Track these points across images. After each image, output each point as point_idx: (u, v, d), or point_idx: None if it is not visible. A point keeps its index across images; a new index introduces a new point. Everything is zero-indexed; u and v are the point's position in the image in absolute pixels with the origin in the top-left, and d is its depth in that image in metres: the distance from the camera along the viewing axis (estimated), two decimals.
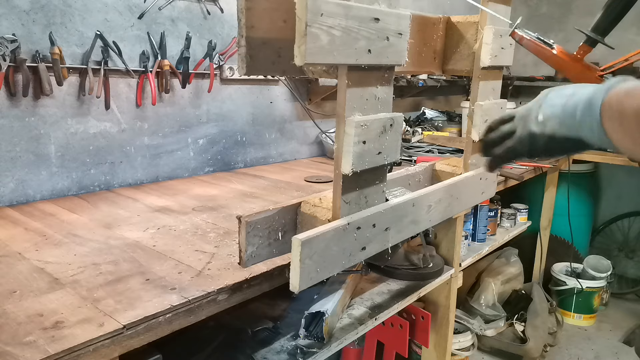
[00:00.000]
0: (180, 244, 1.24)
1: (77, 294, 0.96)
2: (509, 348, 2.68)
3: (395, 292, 1.50)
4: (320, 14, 0.79)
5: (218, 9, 2.08)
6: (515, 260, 3.02)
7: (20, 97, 1.56)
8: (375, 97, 0.97)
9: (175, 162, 2.05)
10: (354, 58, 0.88)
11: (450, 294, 1.77)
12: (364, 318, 1.34)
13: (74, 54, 1.67)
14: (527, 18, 3.99)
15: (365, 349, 1.78)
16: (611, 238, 3.80)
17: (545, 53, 0.97)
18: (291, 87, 2.47)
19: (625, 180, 3.72)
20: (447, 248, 1.74)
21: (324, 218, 1.00)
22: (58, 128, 1.68)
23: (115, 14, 1.76)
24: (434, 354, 1.87)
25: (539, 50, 1.04)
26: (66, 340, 0.79)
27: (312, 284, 0.90)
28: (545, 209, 3.20)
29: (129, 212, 1.51)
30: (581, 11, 3.76)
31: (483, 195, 1.55)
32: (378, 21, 0.91)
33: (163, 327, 0.90)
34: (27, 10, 1.55)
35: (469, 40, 1.39)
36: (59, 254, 1.16)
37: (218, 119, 2.18)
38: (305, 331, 1.20)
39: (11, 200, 1.60)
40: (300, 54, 0.78)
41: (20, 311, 0.89)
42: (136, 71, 1.83)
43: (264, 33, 0.91)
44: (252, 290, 1.07)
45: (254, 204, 1.64)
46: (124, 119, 1.85)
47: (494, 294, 2.79)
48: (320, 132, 2.63)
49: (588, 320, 3.16)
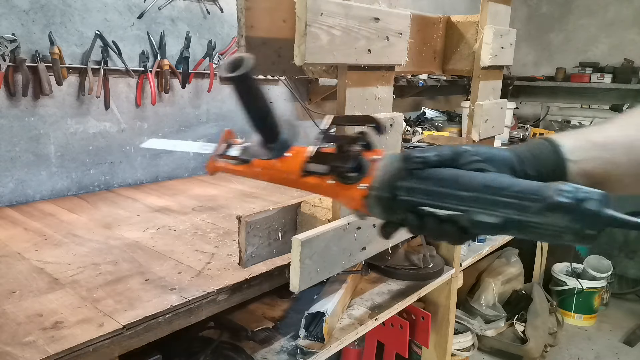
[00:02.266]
0: (180, 244, 1.24)
1: (76, 294, 0.95)
2: (509, 348, 2.68)
3: (395, 292, 1.49)
4: (320, 13, 0.78)
5: (218, 8, 2.08)
6: (515, 260, 3.02)
7: (20, 97, 1.56)
8: (375, 97, 0.97)
9: (175, 162, 2.05)
10: (354, 58, 0.88)
11: (451, 294, 1.77)
12: (364, 318, 1.34)
13: (73, 53, 1.67)
14: (527, 18, 3.99)
15: (365, 349, 1.78)
16: (612, 238, 3.80)
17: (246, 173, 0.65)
18: (291, 87, 2.47)
19: None
20: (447, 248, 1.73)
21: (324, 218, 1.00)
22: (58, 128, 1.68)
23: (115, 14, 1.76)
24: (434, 354, 1.87)
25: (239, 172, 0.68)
26: (66, 340, 0.78)
27: (312, 284, 0.90)
28: None
29: (129, 212, 1.51)
30: (581, 11, 3.76)
31: None
32: (378, 21, 0.91)
33: (163, 327, 0.90)
34: (26, 10, 1.54)
35: (469, 40, 1.39)
36: (59, 254, 1.16)
37: (218, 119, 2.18)
38: (305, 331, 1.19)
39: (11, 200, 1.60)
40: (300, 53, 0.78)
41: (20, 311, 0.88)
42: (136, 71, 1.83)
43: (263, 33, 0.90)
44: (252, 290, 1.07)
45: (254, 204, 1.64)
46: (123, 118, 1.85)
47: (494, 294, 2.79)
48: None
49: (588, 321, 3.16)
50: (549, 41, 3.93)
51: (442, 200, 0.49)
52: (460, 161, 0.52)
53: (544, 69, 3.95)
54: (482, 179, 0.49)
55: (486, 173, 0.50)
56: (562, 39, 3.88)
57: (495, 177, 0.49)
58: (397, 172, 0.53)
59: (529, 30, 3.97)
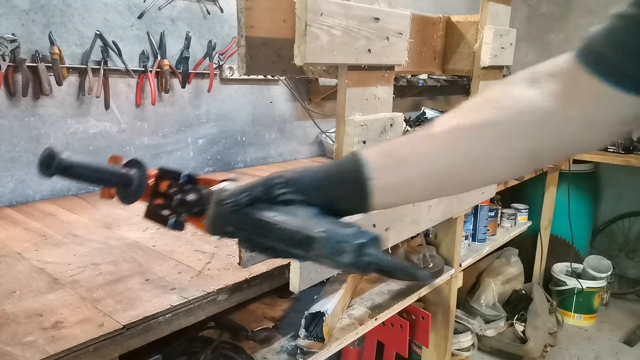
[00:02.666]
0: (180, 244, 1.24)
1: (76, 294, 0.95)
2: (509, 348, 2.68)
3: (395, 292, 1.49)
4: (320, 13, 0.79)
5: (218, 8, 2.08)
6: (515, 260, 3.02)
7: (20, 97, 1.56)
8: (375, 97, 0.97)
9: (175, 162, 2.05)
10: (354, 58, 0.88)
11: (451, 294, 1.77)
12: (364, 318, 1.34)
13: (73, 53, 1.67)
14: (527, 18, 3.99)
15: (365, 349, 1.78)
16: (611, 238, 3.80)
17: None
18: (291, 87, 2.47)
19: (625, 180, 3.72)
20: (447, 248, 1.73)
21: None
22: (58, 128, 1.68)
23: (115, 14, 1.76)
24: (434, 354, 1.87)
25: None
26: (66, 340, 0.78)
27: (312, 284, 0.90)
28: (546, 209, 3.20)
29: (129, 212, 1.51)
30: (581, 11, 3.76)
31: (483, 195, 1.55)
32: (378, 21, 0.91)
33: (163, 327, 0.90)
34: (26, 10, 1.54)
35: (469, 40, 1.39)
36: (59, 254, 1.16)
37: (218, 119, 2.18)
38: (305, 331, 1.19)
39: (11, 200, 1.60)
40: (300, 53, 0.78)
41: (20, 311, 0.88)
42: (136, 71, 1.83)
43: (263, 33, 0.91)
44: (252, 290, 1.07)
45: None
46: (123, 118, 1.85)
47: (494, 294, 2.79)
48: (320, 132, 2.63)
49: (588, 321, 3.16)
50: (549, 41, 3.93)
51: (255, 235, 0.55)
52: (272, 195, 0.56)
53: None
54: (281, 224, 0.53)
55: (285, 214, 0.54)
56: (562, 39, 3.88)
57: (288, 219, 0.54)
58: (217, 212, 0.58)
59: (529, 30, 3.97)
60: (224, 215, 0.57)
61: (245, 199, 0.55)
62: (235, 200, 0.55)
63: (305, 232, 0.52)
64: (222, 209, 0.56)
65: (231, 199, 0.55)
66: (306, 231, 0.52)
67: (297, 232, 0.52)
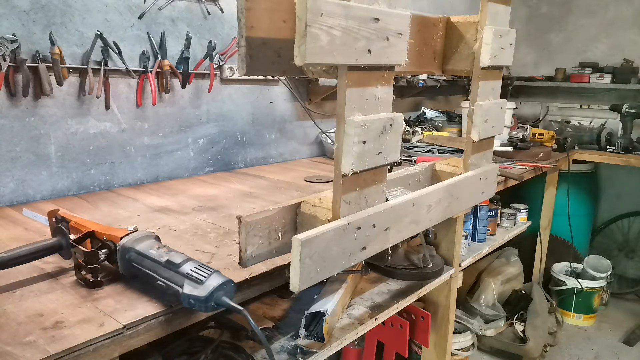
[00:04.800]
0: (180, 244, 1.24)
1: (77, 293, 0.96)
2: (509, 348, 2.68)
3: (395, 292, 1.50)
4: (320, 14, 0.79)
5: (218, 9, 2.08)
6: (515, 260, 3.02)
7: (21, 97, 1.56)
8: (375, 97, 0.97)
9: (175, 162, 2.05)
10: (354, 58, 0.88)
11: (450, 294, 1.77)
12: (364, 318, 1.34)
13: (74, 54, 1.67)
14: (527, 18, 3.99)
15: (365, 349, 1.78)
16: (611, 238, 3.80)
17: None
18: (291, 87, 2.47)
19: (625, 180, 3.73)
20: (447, 248, 1.74)
21: (324, 218, 1.01)
22: (58, 128, 1.68)
23: (115, 14, 1.76)
24: (434, 354, 1.87)
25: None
26: (66, 340, 0.79)
27: (312, 284, 0.90)
28: (545, 209, 3.20)
29: (129, 212, 1.51)
30: (581, 11, 3.76)
31: (483, 195, 1.55)
32: (378, 21, 0.91)
33: (163, 327, 0.90)
34: (27, 10, 1.55)
35: (469, 40, 1.39)
36: None
37: (218, 119, 2.18)
38: (305, 331, 1.20)
39: (11, 200, 1.60)
40: (300, 54, 0.78)
41: (20, 311, 0.89)
42: (136, 71, 1.83)
43: (264, 33, 0.91)
44: (252, 290, 1.07)
45: (254, 204, 1.64)
46: (124, 119, 1.85)
47: (494, 294, 2.79)
48: (320, 132, 2.63)
49: (588, 320, 3.16)
50: (549, 41, 3.93)
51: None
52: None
53: (543, 69, 3.95)
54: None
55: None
56: (561, 39, 3.88)
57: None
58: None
59: (529, 31, 3.98)
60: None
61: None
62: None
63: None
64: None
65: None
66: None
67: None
